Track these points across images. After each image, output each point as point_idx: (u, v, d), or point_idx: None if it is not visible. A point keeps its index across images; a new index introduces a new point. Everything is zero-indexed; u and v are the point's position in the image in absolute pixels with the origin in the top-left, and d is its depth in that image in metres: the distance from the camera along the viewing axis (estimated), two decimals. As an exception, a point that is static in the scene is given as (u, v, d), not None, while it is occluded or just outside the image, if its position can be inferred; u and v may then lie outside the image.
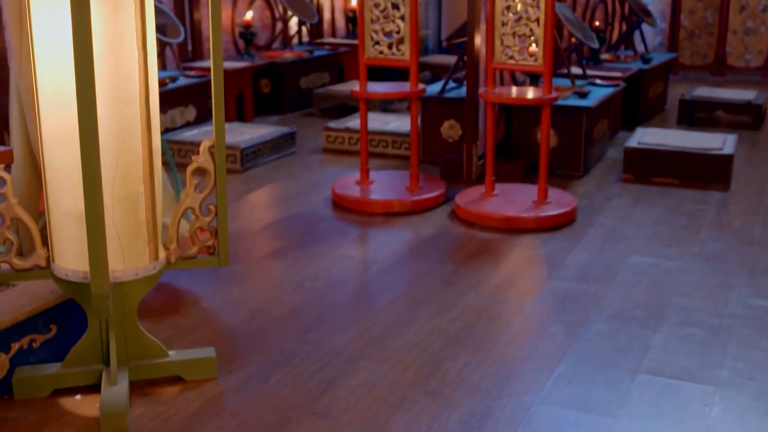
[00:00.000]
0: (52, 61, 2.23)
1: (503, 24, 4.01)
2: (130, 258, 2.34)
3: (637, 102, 6.24)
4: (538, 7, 3.91)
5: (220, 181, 2.43)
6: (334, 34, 8.02)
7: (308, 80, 6.89)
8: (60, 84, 2.23)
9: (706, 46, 8.65)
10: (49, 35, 2.22)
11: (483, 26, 4.56)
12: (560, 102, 4.68)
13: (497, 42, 4.04)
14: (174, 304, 3.09)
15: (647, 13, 7.07)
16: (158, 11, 5.53)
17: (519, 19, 3.96)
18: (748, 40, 8.49)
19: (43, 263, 2.40)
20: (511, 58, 4.03)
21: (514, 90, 4.30)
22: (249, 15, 6.69)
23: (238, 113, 6.22)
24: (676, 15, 8.65)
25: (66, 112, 2.23)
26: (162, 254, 2.44)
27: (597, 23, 6.91)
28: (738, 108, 6.28)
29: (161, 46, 5.78)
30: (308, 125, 6.16)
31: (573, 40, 5.72)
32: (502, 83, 4.93)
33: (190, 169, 2.43)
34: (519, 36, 4.00)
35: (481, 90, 4.24)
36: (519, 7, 3.96)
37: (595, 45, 5.57)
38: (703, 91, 6.62)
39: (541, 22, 3.90)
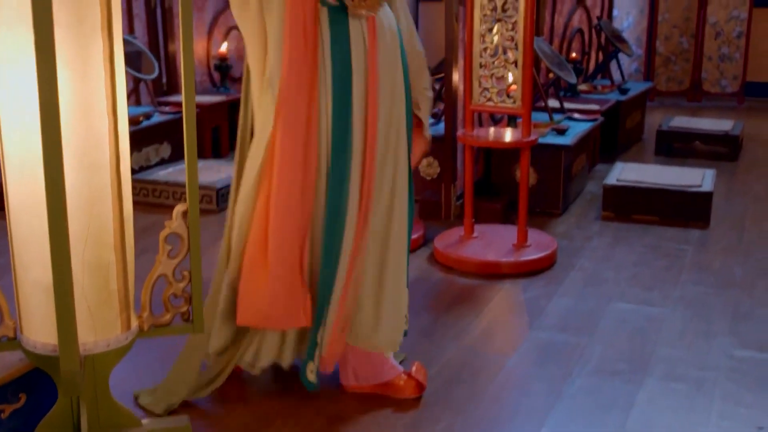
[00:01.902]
0: (19, 127, 2.16)
1: (481, 66, 3.98)
2: (101, 329, 2.26)
3: (616, 133, 6.24)
4: (516, 48, 3.89)
5: (194, 247, 2.36)
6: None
7: (285, 112, 6.80)
8: (27, 151, 2.15)
9: (682, 72, 8.69)
10: (15, 101, 2.15)
11: (461, 63, 4.53)
12: (539, 140, 4.64)
13: (475, 84, 4.01)
14: (148, 368, 3.01)
15: (623, 41, 7.08)
16: (130, 44, 5.47)
17: (497, 60, 3.93)
18: (724, 66, 8.55)
19: (11, 334, 2.31)
20: (490, 99, 4.00)
21: (492, 132, 4.26)
22: (224, 47, 6.62)
23: (213, 148, 6.14)
24: (652, 41, 8.69)
25: (33, 180, 2.15)
26: (134, 323, 2.36)
27: (574, 54, 6.91)
28: (715, 139, 6.31)
29: (135, 82, 5.71)
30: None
31: (551, 75, 5.70)
32: (480, 120, 4.89)
33: (162, 234, 2.37)
34: (497, 78, 3.97)
35: (460, 132, 4.20)
36: (498, 49, 3.93)
37: (573, 80, 5.56)
38: (681, 121, 6.64)
39: (520, 64, 3.87)
